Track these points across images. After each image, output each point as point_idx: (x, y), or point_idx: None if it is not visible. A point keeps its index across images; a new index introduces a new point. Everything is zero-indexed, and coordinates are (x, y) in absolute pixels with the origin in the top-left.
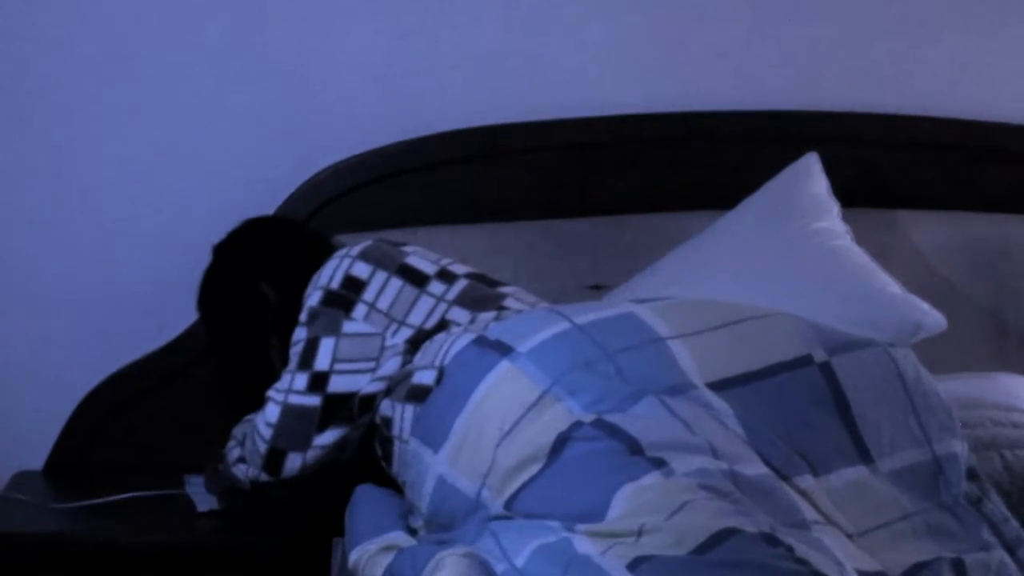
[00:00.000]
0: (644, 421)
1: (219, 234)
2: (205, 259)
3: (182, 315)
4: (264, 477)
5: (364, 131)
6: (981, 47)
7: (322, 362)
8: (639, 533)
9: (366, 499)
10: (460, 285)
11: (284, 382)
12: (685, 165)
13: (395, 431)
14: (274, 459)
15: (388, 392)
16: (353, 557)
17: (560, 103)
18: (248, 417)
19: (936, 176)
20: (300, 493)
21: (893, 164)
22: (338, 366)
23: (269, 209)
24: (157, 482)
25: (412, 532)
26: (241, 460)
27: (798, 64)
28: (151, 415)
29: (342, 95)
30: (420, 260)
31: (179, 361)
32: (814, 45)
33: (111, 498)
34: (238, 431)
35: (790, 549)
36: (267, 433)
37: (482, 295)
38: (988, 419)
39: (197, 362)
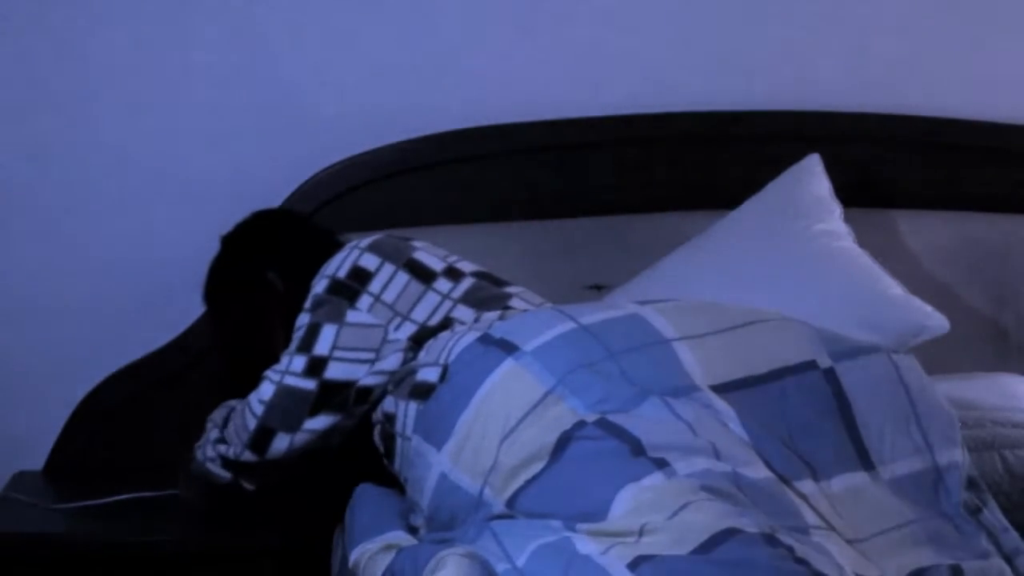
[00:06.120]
0: (647, 422)
1: (219, 235)
2: (205, 259)
3: (182, 316)
4: (247, 455)
5: (364, 131)
6: (981, 47)
7: (322, 347)
8: (640, 533)
9: (366, 499)
10: (466, 283)
11: (282, 363)
12: (686, 165)
13: (398, 428)
14: (262, 437)
15: (392, 388)
16: (353, 557)
17: (561, 103)
18: (225, 403)
19: (936, 176)
20: (280, 479)
21: (893, 164)
22: (337, 353)
23: None
24: (157, 482)
25: (413, 531)
26: (221, 441)
27: (798, 64)
28: (151, 415)
29: (342, 96)
30: (428, 256)
31: (179, 361)
32: (814, 45)
33: (111, 498)
34: (216, 415)
35: (790, 549)
36: (259, 410)
37: (488, 294)
38: (988, 419)
39: (197, 362)
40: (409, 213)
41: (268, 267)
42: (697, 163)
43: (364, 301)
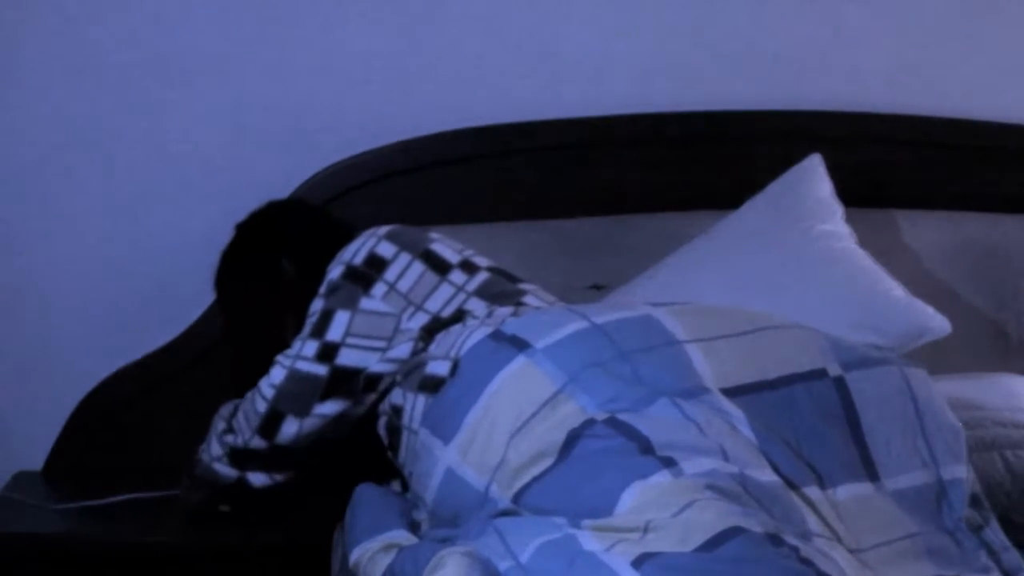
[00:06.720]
0: (657, 421)
1: (219, 235)
2: (205, 261)
3: (182, 316)
4: (256, 441)
5: (363, 131)
6: (981, 47)
7: (334, 333)
8: (645, 530)
9: (367, 498)
10: (481, 277)
11: (294, 348)
12: (687, 165)
13: (405, 420)
14: (272, 420)
15: (400, 380)
16: (354, 556)
17: (561, 103)
18: (230, 401)
19: (936, 176)
20: (285, 477)
21: (893, 164)
22: (350, 340)
23: None
24: (157, 482)
25: (415, 526)
26: (228, 432)
27: (798, 64)
28: (151, 415)
29: (341, 96)
30: (444, 248)
31: (179, 361)
32: (813, 45)
33: (111, 499)
34: (223, 410)
35: (795, 549)
36: (269, 393)
37: (502, 290)
38: (989, 420)
39: (197, 362)
40: (408, 213)
41: (281, 254)
42: (697, 163)
43: (379, 289)
